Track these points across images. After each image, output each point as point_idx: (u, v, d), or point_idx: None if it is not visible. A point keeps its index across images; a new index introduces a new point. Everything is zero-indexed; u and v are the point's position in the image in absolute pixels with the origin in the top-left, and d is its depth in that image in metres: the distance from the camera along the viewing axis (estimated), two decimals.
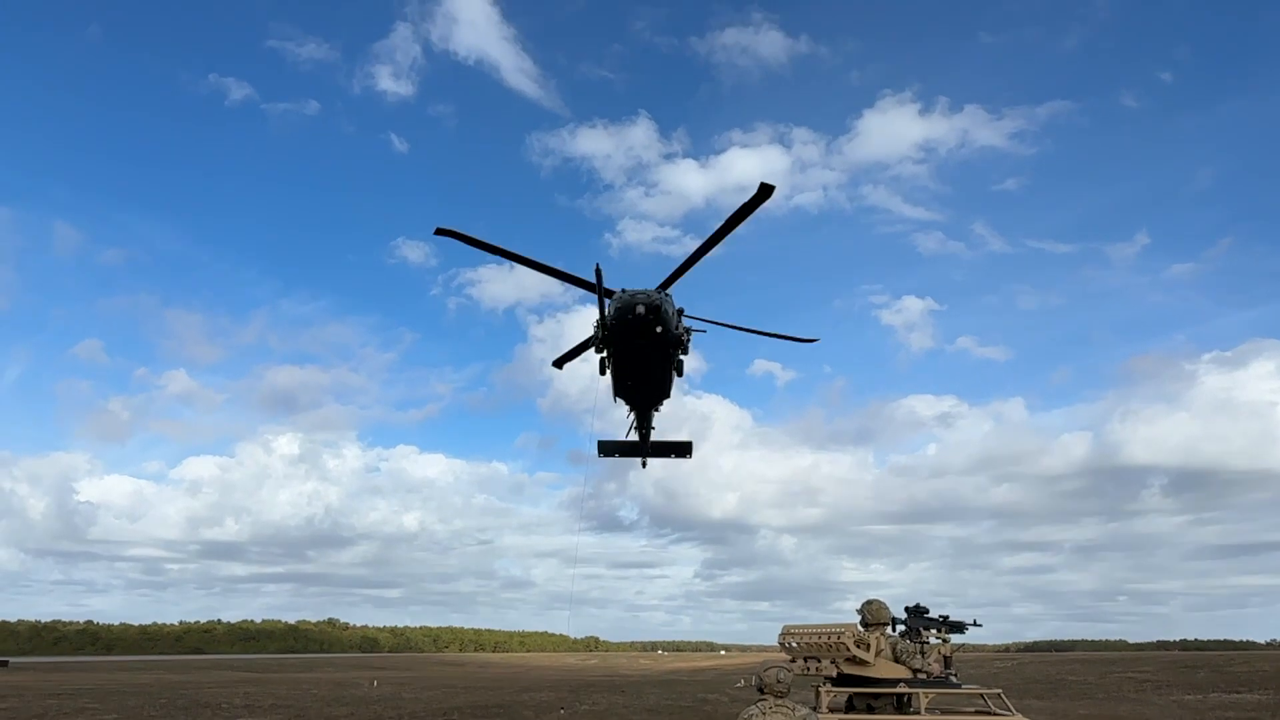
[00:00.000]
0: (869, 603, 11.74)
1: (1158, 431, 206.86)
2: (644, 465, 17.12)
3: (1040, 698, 35.50)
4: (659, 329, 10.84)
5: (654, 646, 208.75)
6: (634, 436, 15.79)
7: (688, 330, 12.03)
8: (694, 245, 10.72)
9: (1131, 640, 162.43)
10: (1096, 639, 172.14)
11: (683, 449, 16.73)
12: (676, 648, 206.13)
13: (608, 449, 16.73)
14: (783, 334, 14.27)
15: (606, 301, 11.22)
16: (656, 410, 14.93)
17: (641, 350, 11.61)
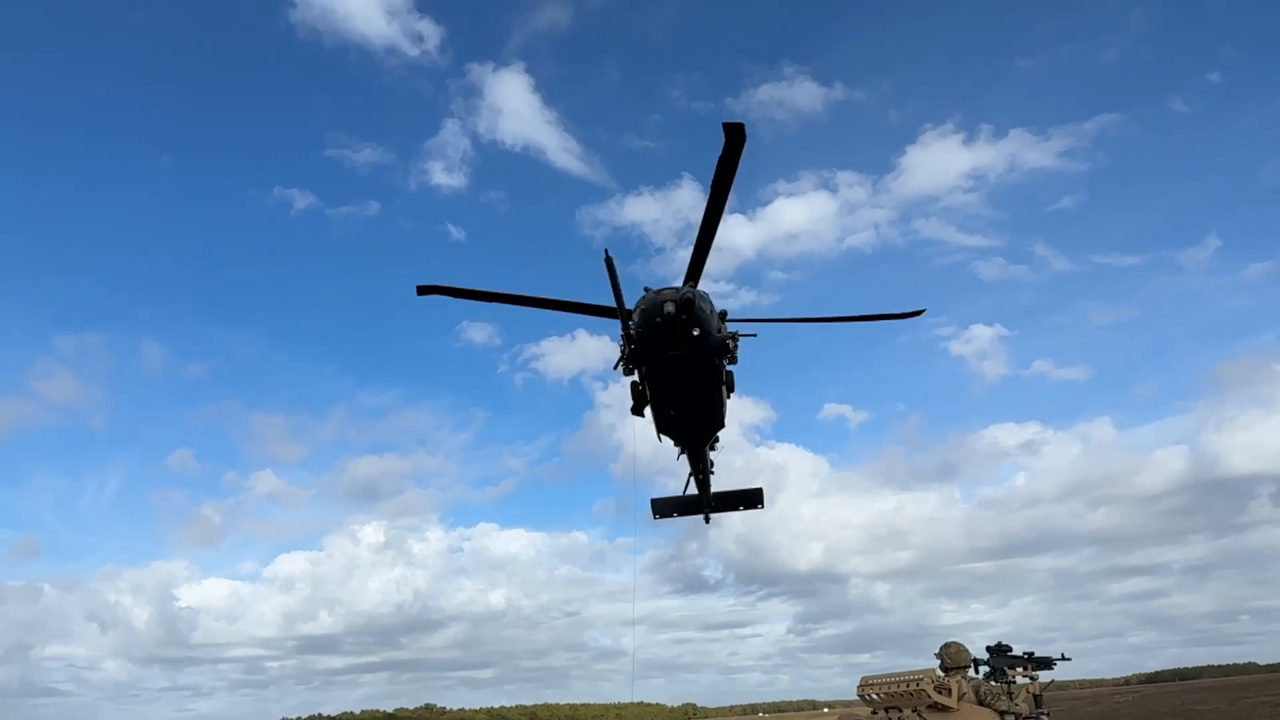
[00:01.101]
0: (947, 645, 11.50)
1: (1258, 437, 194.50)
2: (707, 521, 15.01)
3: None
4: (696, 331, 8.98)
5: (753, 709, 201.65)
6: (692, 489, 13.95)
7: (733, 335, 10.07)
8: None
9: (1261, 662, 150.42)
10: (1223, 663, 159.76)
11: (752, 498, 14.80)
12: (777, 708, 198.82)
13: (664, 507, 14.87)
14: (880, 314, 11.81)
15: (631, 318, 9.38)
16: (713, 448, 12.91)
17: (679, 364, 9.60)
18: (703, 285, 9.52)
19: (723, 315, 9.85)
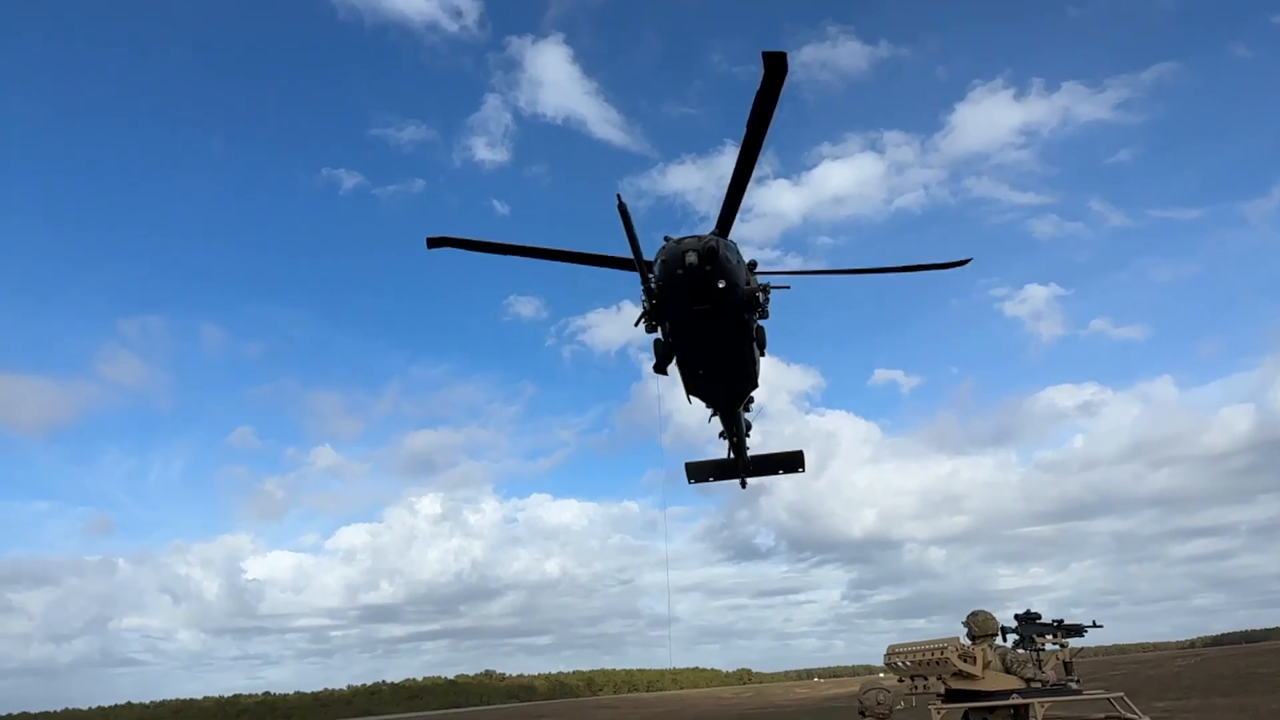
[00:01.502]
0: (974, 614, 11.57)
1: None
2: (743, 485, 14.45)
3: (1227, 694, 32.75)
4: (721, 283, 8.28)
5: (808, 674, 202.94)
6: (729, 453, 13.42)
7: (763, 287, 9.43)
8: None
9: None
10: None
11: (792, 461, 14.14)
12: (833, 673, 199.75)
13: (699, 471, 14.37)
14: (925, 264, 11.08)
15: (651, 270, 8.60)
16: (746, 409, 12.34)
17: (704, 318, 8.90)
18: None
19: (751, 266, 9.19)
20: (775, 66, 7.11)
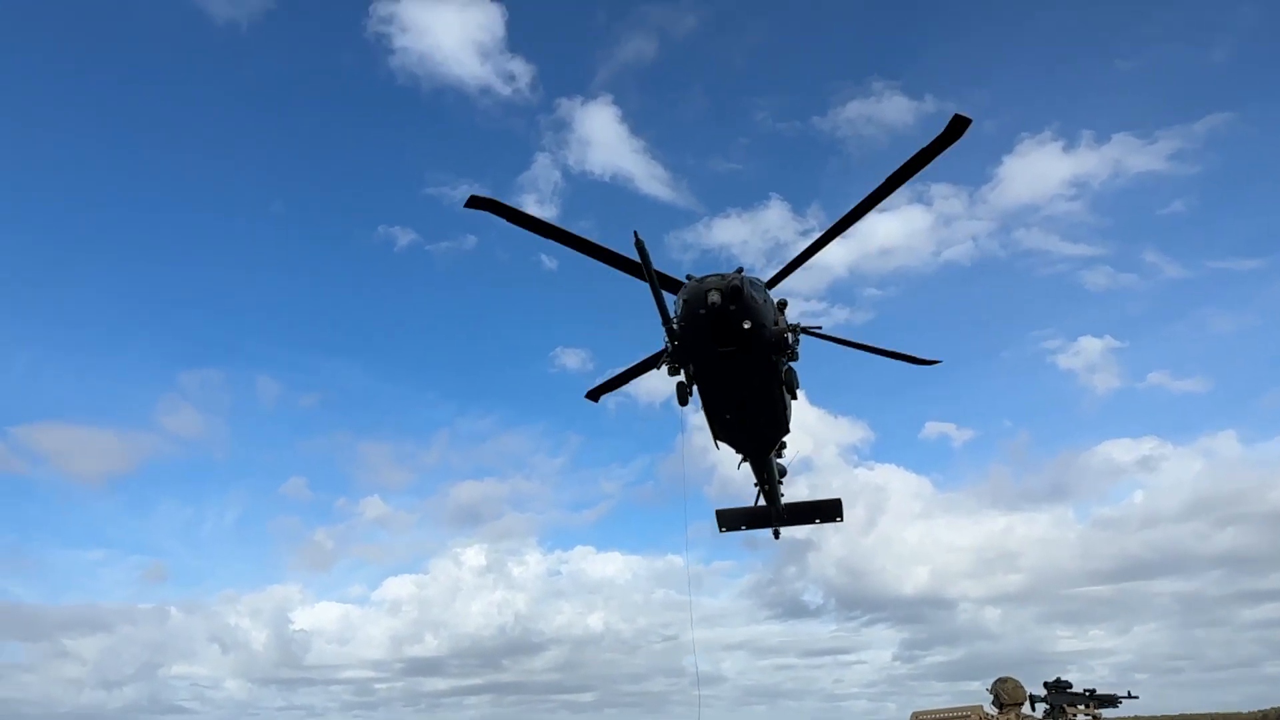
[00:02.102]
0: (1002, 680, 11.52)
1: None
2: (776, 536, 13.94)
3: None
4: (746, 323, 7.89)
5: None
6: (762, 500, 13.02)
7: (793, 328, 8.94)
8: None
9: None
10: None
11: (829, 510, 13.56)
12: None
13: (730, 519, 13.88)
14: (900, 353, 11.55)
15: (671, 301, 8.34)
16: (778, 455, 11.79)
17: (729, 360, 8.43)
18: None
19: (781, 305, 8.85)
20: (957, 127, 7.31)
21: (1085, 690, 11.62)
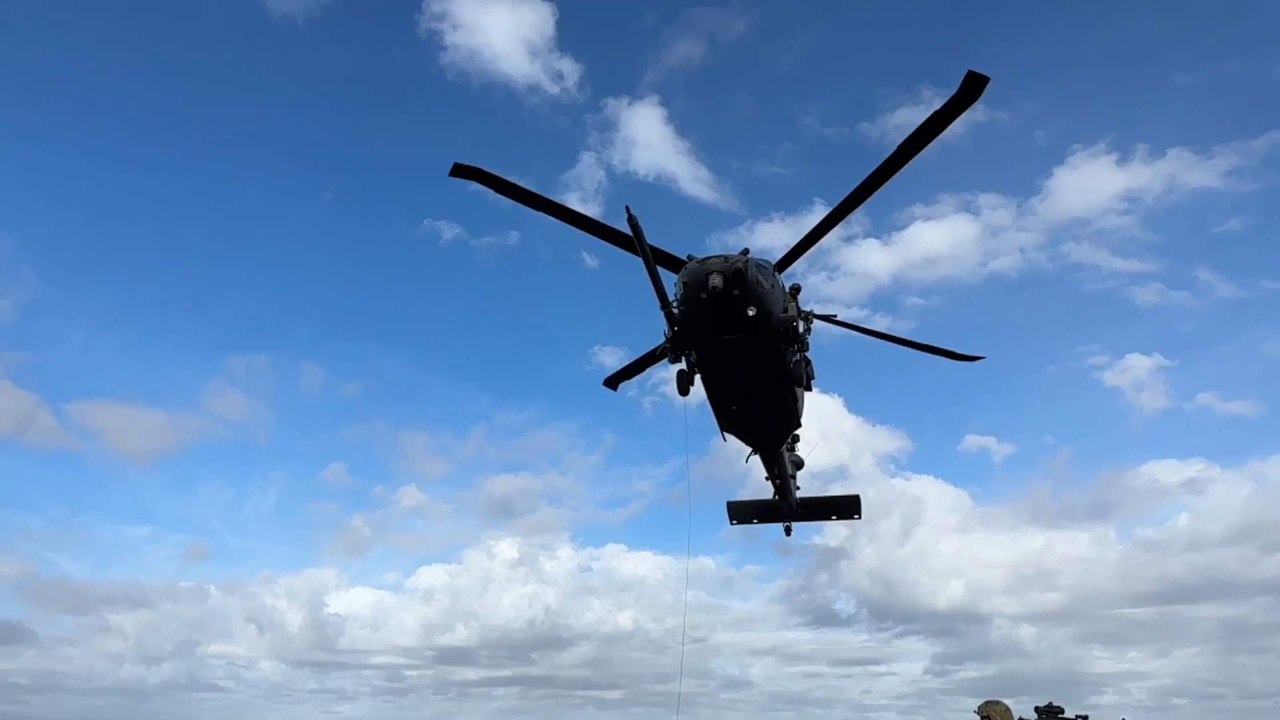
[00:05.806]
0: (991, 703, 11.43)
1: None
2: (788, 532, 13.39)
3: None
4: (751, 310, 7.11)
5: None
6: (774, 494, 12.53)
7: (805, 315, 8.21)
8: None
9: None
10: None
11: (847, 507, 13.01)
12: None
13: (741, 512, 13.58)
14: (938, 347, 10.91)
15: (671, 282, 7.61)
16: (789, 447, 11.15)
17: (734, 349, 7.65)
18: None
19: (794, 290, 8.16)
20: (973, 86, 7.05)
21: (1078, 716, 11.47)
